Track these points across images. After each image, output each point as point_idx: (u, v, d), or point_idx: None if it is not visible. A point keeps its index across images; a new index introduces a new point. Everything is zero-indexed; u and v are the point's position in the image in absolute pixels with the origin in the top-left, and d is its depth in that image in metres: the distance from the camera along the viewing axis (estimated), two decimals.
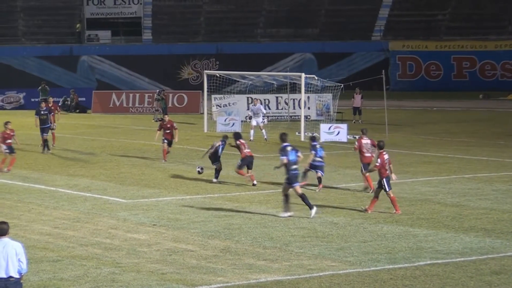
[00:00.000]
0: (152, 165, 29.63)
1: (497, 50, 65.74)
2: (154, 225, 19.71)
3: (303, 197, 20.23)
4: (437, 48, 67.15)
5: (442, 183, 25.33)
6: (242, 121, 40.74)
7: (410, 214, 20.68)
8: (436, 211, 21.03)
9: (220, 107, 43.87)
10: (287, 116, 43.42)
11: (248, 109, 41.89)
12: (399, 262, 16.15)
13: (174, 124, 30.53)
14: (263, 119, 37.09)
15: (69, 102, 54.23)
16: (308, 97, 43.46)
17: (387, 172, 20.81)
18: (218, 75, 43.81)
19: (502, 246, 17.43)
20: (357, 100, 46.02)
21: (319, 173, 24.10)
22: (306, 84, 39.59)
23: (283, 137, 20.77)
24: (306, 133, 37.29)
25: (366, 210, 20.87)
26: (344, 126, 37.04)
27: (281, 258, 16.52)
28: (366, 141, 23.99)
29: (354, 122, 44.34)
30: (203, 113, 42.67)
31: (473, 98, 59.50)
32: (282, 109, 45.70)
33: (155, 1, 73.20)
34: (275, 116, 44.56)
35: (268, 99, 45.42)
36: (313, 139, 25.35)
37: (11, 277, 12.09)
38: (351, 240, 17.92)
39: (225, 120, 40.84)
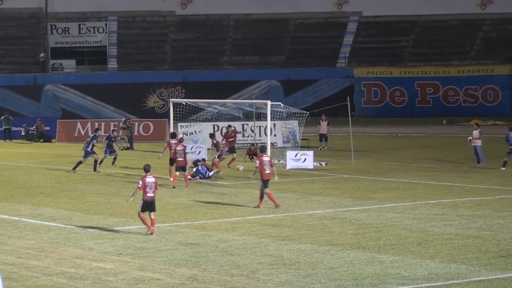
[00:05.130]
0: (118, 193, 29.43)
1: (460, 76, 66.48)
2: (120, 254, 19.56)
3: None
4: (401, 74, 67.72)
5: (408, 209, 25.45)
6: (208, 149, 40.72)
7: (377, 240, 20.72)
8: (402, 237, 21.11)
9: (187, 135, 43.79)
10: (253, 143, 43.39)
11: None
12: None
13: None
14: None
15: (34, 131, 53.82)
16: (274, 124, 43.52)
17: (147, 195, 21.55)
18: (184, 103, 43.78)
19: (467, 271, 17.51)
20: (323, 127, 46.20)
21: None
22: (272, 111, 39.69)
23: None
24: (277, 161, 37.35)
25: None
26: (310, 153, 37.15)
27: (248, 286, 16.46)
28: (266, 158, 25.89)
29: (320, 149, 44.48)
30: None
31: (437, 124, 60.02)
32: (248, 136, 45.74)
33: (120, 30, 73.14)
34: (241, 143, 44.58)
35: (234, 126, 45.43)
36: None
37: None
38: (318, 267, 17.91)
39: (191, 148, 40.73)
